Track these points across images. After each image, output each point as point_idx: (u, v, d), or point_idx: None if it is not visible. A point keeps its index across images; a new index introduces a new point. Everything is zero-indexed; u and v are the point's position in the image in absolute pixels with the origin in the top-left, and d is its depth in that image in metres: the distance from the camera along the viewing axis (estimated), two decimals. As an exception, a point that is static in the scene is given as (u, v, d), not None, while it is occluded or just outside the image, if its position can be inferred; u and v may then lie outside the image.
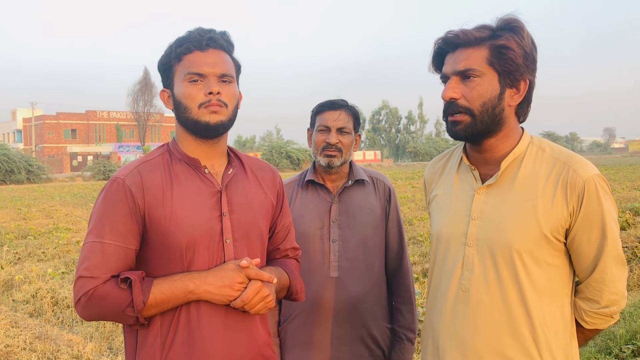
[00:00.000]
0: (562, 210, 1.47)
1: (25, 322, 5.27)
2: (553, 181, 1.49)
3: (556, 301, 1.51)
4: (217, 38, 1.60)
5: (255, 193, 1.70)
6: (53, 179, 43.71)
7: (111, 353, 4.67)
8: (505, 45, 1.48)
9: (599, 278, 1.48)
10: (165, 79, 1.65)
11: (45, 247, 9.89)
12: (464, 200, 1.60)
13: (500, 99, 1.51)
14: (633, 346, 4.30)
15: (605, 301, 1.50)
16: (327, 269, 2.19)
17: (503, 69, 1.49)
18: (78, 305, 1.48)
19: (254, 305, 1.54)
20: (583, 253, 1.49)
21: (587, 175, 1.47)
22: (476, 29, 1.52)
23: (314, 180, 2.27)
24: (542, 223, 1.47)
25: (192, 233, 1.54)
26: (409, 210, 14.55)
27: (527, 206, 1.49)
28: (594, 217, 1.46)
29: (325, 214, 2.23)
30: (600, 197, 1.46)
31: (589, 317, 1.53)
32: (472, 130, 1.53)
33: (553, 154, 1.54)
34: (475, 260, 1.54)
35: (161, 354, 1.53)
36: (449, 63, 1.55)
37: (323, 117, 2.23)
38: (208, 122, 1.56)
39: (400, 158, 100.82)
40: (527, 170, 1.53)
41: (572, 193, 1.47)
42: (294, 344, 2.21)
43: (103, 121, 73.09)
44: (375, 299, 2.25)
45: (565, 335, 1.53)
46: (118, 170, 1.61)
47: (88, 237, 1.52)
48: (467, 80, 1.51)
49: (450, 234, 1.61)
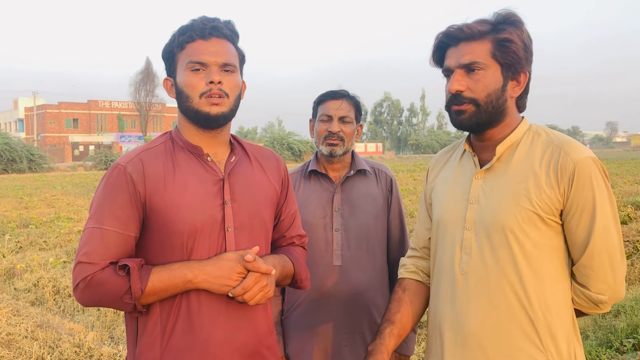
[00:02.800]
0: (553, 192, 1.47)
1: (26, 311, 5.29)
2: (545, 163, 1.50)
3: (557, 284, 1.51)
4: (220, 27, 1.59)
5: (258, 181, 1.69)
6: (55, 169, 43.76)
7: (112, 342, 4.69)
8: (509, 39, 1.51)
9: (586, 263, 1.48)
10: (169, 67, 1.64)
11: (47, 236, 9.91)
12: (464, 185, 1.63)
13: (503, 91, 1.55)
14: (634, 340, 4.31)
15: (595, 289, 1.49)
16: (330, 257, 2.21)
17: (506, 61, 1.53)
18: (76, 290, 1.48)
19: (253, 296, 1.53)
20: (573, 237, 1.49)
21: (578, 158, 1.47)
22: (478, 23, 1.55)
23: (317, 170, 2.29)
24: (534, 202, 1.48)
25: (194, 221, 1.53)
26: (410, 202, 14.55)
27: (519, 188, 1.50)
28: (585, 201, 1.46)
29: (328, 203, 2.25)
30: (592, 180, 1.46)
31: (575, 296, 1.53)
32: (477, 120, 1.55)
33: (548, 138, 1.56)
34: (472, 243, 1.56)
35: (161, 341, 1.53)
36: (452, 57, 1.57)
37: (325, 106, 2.25)
38: (208, 113, 1.55)
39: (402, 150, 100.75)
40: (522, 154, 1.55)
41: (563, 175, 1.47)
42: (297, 332, 2.22)
43: (105, 111, 73.00)
44: (377, 287, 2.28)
45: (567, 319, 1.52)
46: (120, 157, 1.60)
47: (88, 222, 1.52)
48: (472, 73, 1.54)
49: (449, 218, 1.63)
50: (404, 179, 24.52)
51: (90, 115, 72.30)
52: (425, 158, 65.10)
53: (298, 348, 2.22)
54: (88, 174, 37.18)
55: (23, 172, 39.54)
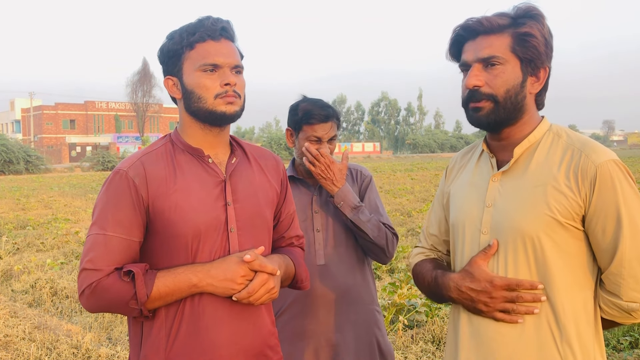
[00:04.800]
0: (574, 197, 1.41)
1: (24, 312, 5.28)
2: (565, 167, 1.44)
3: (576, 292, 1.44)
4: (228, 28, 1.61)
5: (259, 182, 1.70)
6: (52, 170, 43.68)
7: (110, 343, 4.68)
8: (529, 33, 1.46)
9: (616, 272, 1.40)
10: (172, 66, 1.62)
11: (44, 237, 9.89)
12: (480, 188, 1.57)
13: (523, 87, 1.49)
14: (631, 338, 4.32)
15: (626, 297, 1.40)
16: (314, 257, 2.25)
17: (525, 56, 1.47)
18: (82, 297, 1.49)
19: (259, 298, 1.54)
20: (599, 243, 1.42)
21: (599, 161, 1.41)
22: (497, 16, 1.49)
23: (294, 176, 2.34)
24: (553, 208, 1.42)
25: (197, 223, 1.54)
26: (407, 202, 14.56)
27: (537, 192, 1.44)
28: (609, 206, 1.39)
29: (308, 206, 2.31)
30: (616, 184, 1.39)
31: (605, 306, 1.45)
32: (495, 117, 1.49)
33: (569, 139, 1.49)
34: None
35: (166, 345, 1.53)
36: (470, 50, 1.51)
37: (314, 129, 2.26)
38: (225, 112, 1.57)
39: (400, 150, 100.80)
40: (541, 157, 1.49)
41: (584, 179, 1.41)
42: (286, 335, 2.23)
43: (102, 112, 72.89)
44: (361, 282, 2.32)
45: (587, 329, 1.44)
46: (121, 162, 1.60)
47: (92, 229, 1.52)
48: (491, 68, 1.48)
49: (465, 221, 1.58)
50: (402, 178, 24.54)
51: (87, 116, 72.20)
52: (422, 157, 65.13)
53: (288, 351, 2.22)
54: (85, 175, 37.11)
55: (20, 173, 39.48)
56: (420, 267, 1.73)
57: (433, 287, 1.63)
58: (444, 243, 1.75)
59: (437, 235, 1.77)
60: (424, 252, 1.79)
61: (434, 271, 1.64)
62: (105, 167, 42.92)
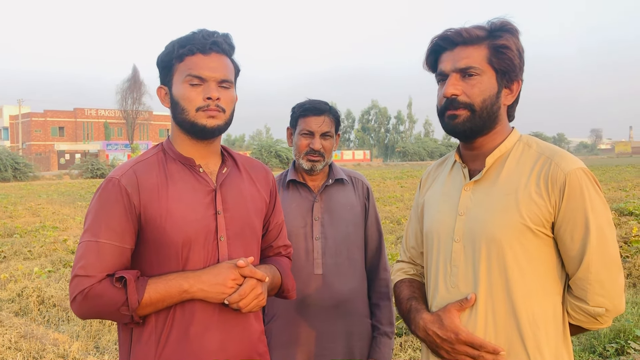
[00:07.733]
0: (544, 204, 1.45)
1: (10, 321, 5.23)
2: (535, 175, 1.48)
3: (547, 298, 1.48)
4: (220, 42, 1.62)
5: (249, 191, 1.72)
6: (40, 177, 43.32)
7: (97, 352, 4.65)
8: (506, 45, 1.51)
9: (582, 277, 1.44)
10: (164, 76, 1.66)
11: (32, 245, 9.80)
12: (453, 197, 1.61)
13: (498, 97, 1.54)
14: (617, 345, 4.35)
15: (593, 302, 1.44)
16: (312, 266, 2.23)
17: (501, 67, 1.52)
18: (74, 303, 1.50)
19: (248, 303, 1.56)
20: (567, 250, 1.46)
21: (568, 169, 1.45)
22: (475, 28, 1.54)
23: (296, 180, 2.31)
24: (524, 215, 1.45)
25: (188, 231, 1.56)
26: (397, 209, 14.60)
27: (509, 199, 1.48)
28: (577, 213, 1.43)
29: (308, 212, 2.27)
30: (584, 191, 1.43)
31: (573, 311, 1.49)
32: (471, 125, 1.53)
33: (538, 149, 1.54)
34: (461, 256, 1.54)
35: (156, 351, 1.54)
36: (448, 60, 1.55)
37: (307, 121, 2.26)
38: (205, 125, 1.59)
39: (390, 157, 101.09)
40: (512, 166, 1.53)
41: (554, 187, 1.45)
42: (278, 343, 2.22)
43: (91, 119, 72.48)
44: (358, 295, 2.30)
45: (556, 335, 1.49)
46: (113, 170, 1.63)
47: (84, 236, 1.54)
48: (468, 78, 1.52)
49: (439, 230, 1.61)
50: (391, 186, 24.60)
51: (76, 124, 71.75)
52: (412, 165, 65.33)
53: (280, 357, 2.22)
54: (74, 182, 36.84)
55: (8, 180, 39.10)
56: (399, 289, 1.77)
57: (406, 319, 1.69)
58: (421, 255, 1.78)
59: (415, 248, 1.80)
60: (403, 269, 1.82)
61: (408, 302, 1.68)
62: (94, 174, 42.64)
